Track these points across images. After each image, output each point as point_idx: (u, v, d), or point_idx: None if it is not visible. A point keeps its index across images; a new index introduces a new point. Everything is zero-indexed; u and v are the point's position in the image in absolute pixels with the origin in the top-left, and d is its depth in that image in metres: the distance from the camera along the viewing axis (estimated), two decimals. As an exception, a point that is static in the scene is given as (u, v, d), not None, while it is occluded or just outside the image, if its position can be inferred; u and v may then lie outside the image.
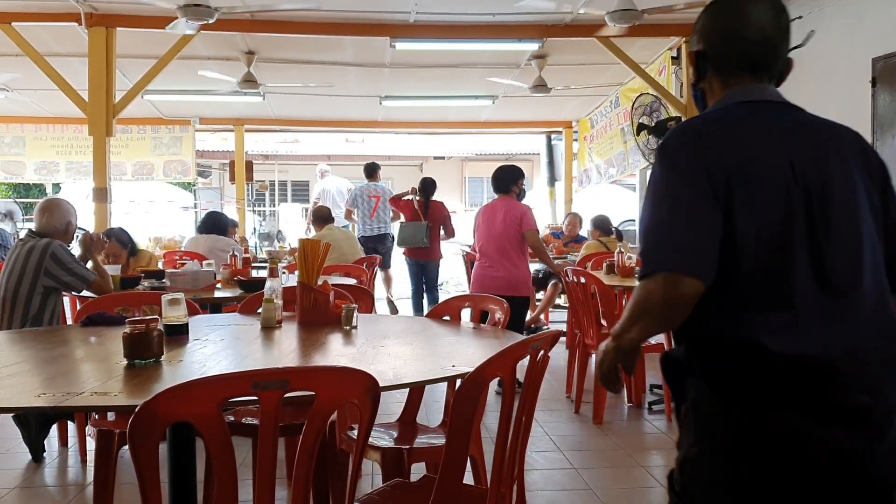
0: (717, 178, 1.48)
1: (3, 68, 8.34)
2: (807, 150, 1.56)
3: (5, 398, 1.73)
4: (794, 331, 1.45)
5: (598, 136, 10.76)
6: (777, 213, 1.49)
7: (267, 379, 1.59)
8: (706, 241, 1.46)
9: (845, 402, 1.44)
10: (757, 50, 1.66)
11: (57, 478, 4.01)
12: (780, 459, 1.45)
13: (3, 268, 4.18)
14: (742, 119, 1.60)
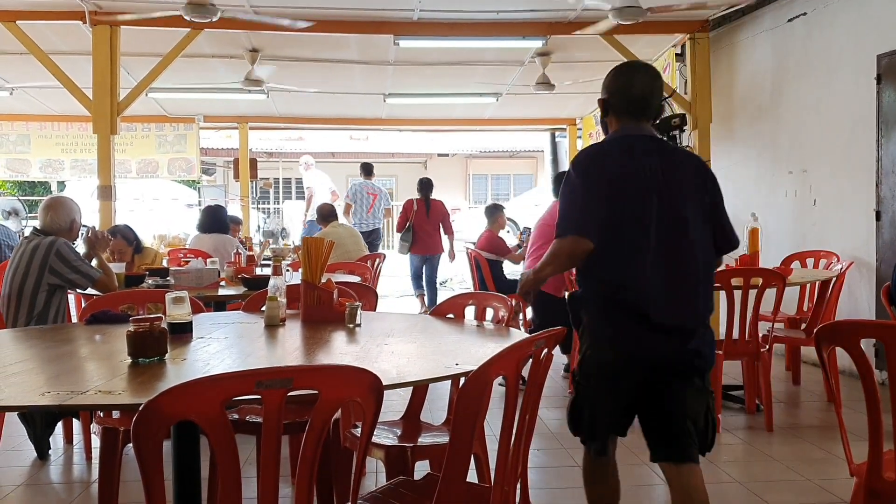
0: (606, 180, 2.44)
1: (8, 66, 8.35)
2: (661, 164, 2.48)
3: (10, 396, 1.73)
4: (641, 280, 2.40)
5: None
6: (638, 201, 2.42)
7: (270, 378, 1.59)
8: (596, 219, 2.40)
9: (666, 323, 2.40)
10: (638, 103, 2.57)
11: (62, 475, 4.03)
12: (632, 352, 2.45)
13: (8, 266, 4.19)
14: (627, 145, 2.53)
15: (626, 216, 2.41)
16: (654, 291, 2.38)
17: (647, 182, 2.42)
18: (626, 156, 2.48)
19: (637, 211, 2.41)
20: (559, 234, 2.44)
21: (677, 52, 7.79)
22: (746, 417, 4.85)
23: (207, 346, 2.40)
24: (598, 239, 2.38)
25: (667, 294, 2.39)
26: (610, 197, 2.41)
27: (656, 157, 2.48)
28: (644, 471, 3.92)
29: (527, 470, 2.26)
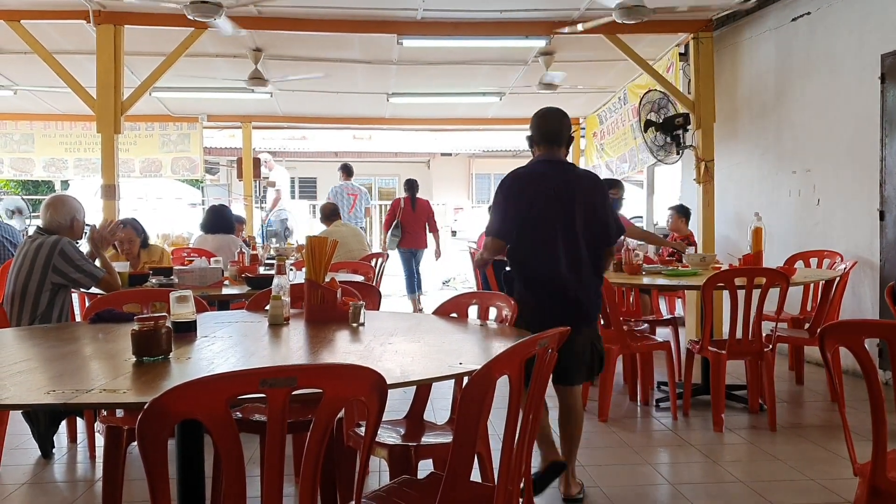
0: (525, 196, 3.38)
1: (13, 66, 8.37)
2: (567, 182, 3.41)
3: (15, 395, 1.74)
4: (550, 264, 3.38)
5: (610, 133, 10.73)
6: (548, 211, 3.36)
7: (274, 376, 1.60)
8: (511, 227, 3.39)
9: (565, 292, 3.39)
10: (552, 136, 3.50)
11: (66, 474, 4.03)
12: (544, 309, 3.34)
13: (12, 265, 4.20)
14: (542, 169, 3.47)
15: (539, 219, 3.38)
16: (558, 270, 3.39)
17: (553, 194, 3.39)
18: (540, 176, 3.44)
19: (546, 215, 3.38)
20: (486, 233, 3.58)
21: (681, 52, 7.78)
22: (750, 417, 4.85)
23: (211, 345, 2.40)
24: (516, 237, 3.42)
25: (565, 272, 3.39)
26: (527, 207, 3.38)
27: (561, 177, 3.44)
28: (647, 470, 3.92)
29: (531, 469, 2.26)
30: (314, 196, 21.35)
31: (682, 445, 4.32)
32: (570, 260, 3.39)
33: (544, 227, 3.37)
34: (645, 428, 4.75)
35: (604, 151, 11.02)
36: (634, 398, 5.27)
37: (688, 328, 7.31)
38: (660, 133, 7.65)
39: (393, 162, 22.32)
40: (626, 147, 10.01)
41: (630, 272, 5.14)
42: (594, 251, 3.46)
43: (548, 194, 3.38)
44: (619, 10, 5.73)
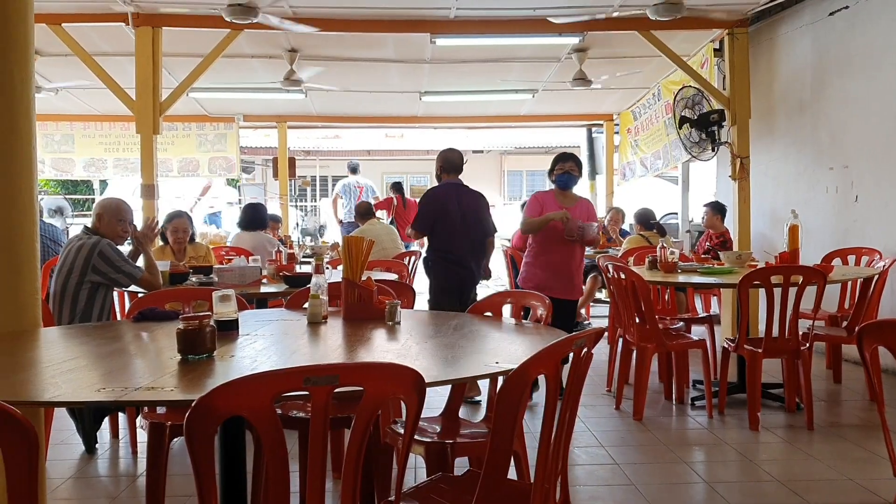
0: (438, 208, 5.40)
1: (54, 68, 8.55)
2: (462, 197, 5.44)
3: (68, 393, 1.80)
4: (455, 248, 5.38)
5: (644, 129, 10.67)
6: (452, 217, 5.36)
7: (317, 374, 1.64)
8: (429, 226, 5.43)
9: (466, 266, 5.40)
10: (455, 167, 5.52)
11: (109, 468, 4.13)
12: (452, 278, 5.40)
13: (56, 264, 4.31)
14: (450, 189, 5.47)
15: (448, 219, 5.36)
16: (461, 252, 5.35)
17: (456, 204, 5.39)
18: (449, 193, 5.44)
19: (453, 216, 5.37)
20: (413, 227, 5.56)
21: (715, 48, 7.72)
22: (786, 416, 4.81)
23: (254, 343, 2.46)
24: (431, 231, 5.43)
25: (465, 253, 5.35)
26: (440, 211, 5.38)
27: (460, 193, 5.46)
28: (682, 469, 3.92)
29: (567, 467, 2.28)
30: (348, 194, 21.45)
31: (717, 444, 4.31)
32: (466, 245, 5.37)
33: (454, 224, 5.36)
34: (680, 426, 4.74)
35: (638, 148, 10.96)
36: (669, 397, 5.26)
37: (723, 326, 7.26)
38: (694, 129, 7.59)
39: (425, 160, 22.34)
40: (659, 143, 9.95)
41: (665, 270, 5.13)
42: (480, 240, 5.49)
43: (452, 206, 5.39)
44: (653, 7, 5.70)
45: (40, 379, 2.05)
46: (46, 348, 2.59)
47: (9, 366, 2.29)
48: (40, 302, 3.25)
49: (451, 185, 5.47)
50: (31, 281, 3.13)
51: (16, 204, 3.10)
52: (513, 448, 2.24)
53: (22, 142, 3.14)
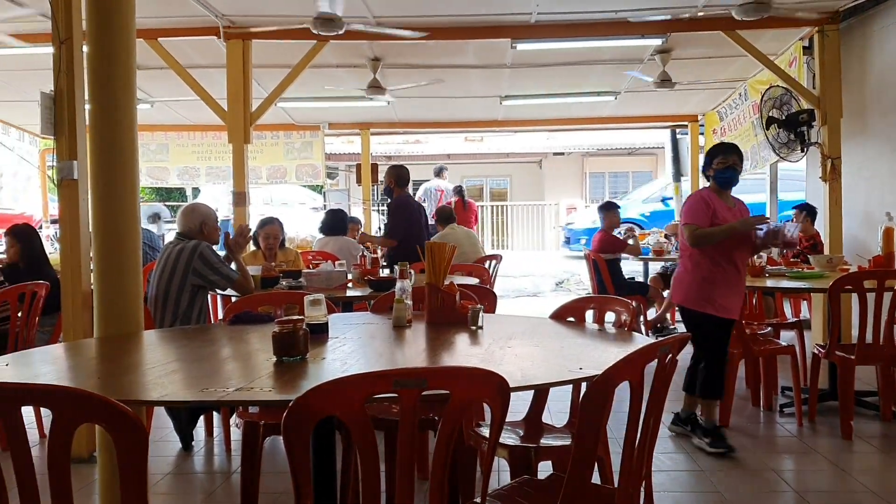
0: (409, 216, 6.95)
1: (150, 81, 8.94)
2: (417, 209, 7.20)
3: (173, 392, 1.91)
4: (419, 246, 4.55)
5: (730, 129, 10.44)
6: (419, 217, 7.09)
7: (407, 378, 1.70)
8: (404, 231, 6.82)
9: None
10: (406, 181, 7.11)
11: (204, 465, 4.31)
12: None
13: (155, 268, 4.53)
14: (411, 199, 7.28)
15: (414, 224, 6.79)
16: None
17: (416, 214, 6.98)
18: (413, 203, 6.99)
19: (418, 221, 6.86)
20: (388, 235, 7.00)
21: (805, 45, 7.50)
22: (882, 425, 4.65)
23: (343, 346, 2.55)
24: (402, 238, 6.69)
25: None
26: (411, 219, 6.82)
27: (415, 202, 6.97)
28: (771, 477, 3.84)
29: (651, 473, 2.29)
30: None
31: (807, 452, 4.20)
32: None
33: (419, 228, 6.84)
34: (768, 433, 4.64)
35: (724, 149, 10.72)
36: (757, 403, 5.15)
37: (814, 332, 7.05)
38: (782, 130, 7.40)
39: (504, 163, 22.40)
40: (746, 144, 9.71)
41: (752, 274, 5.03)
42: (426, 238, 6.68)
43: (416, 215, 6.92)
44: (739, 7, 5.60)
45: (147, 379, 2.18)
46: (149, 350, 2.75)
47: (117, 367, 2.44)
48: (143, 305, 3.44)
49: (410, 196, 6.97)
50: (134, 285, 3.32)
51: (120, 212, 3.29)
52: (597, 453, 2.26)
53: (125, 153, 3.34)
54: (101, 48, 3.31)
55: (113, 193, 3.25)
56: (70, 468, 1.66)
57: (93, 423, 1.64)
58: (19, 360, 2.48)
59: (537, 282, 12.87)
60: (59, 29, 4.09)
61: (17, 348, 4.31)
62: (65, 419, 1.61)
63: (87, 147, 4.07)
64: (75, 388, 1.68)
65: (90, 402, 1.60)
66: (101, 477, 3.42)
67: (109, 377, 2.25)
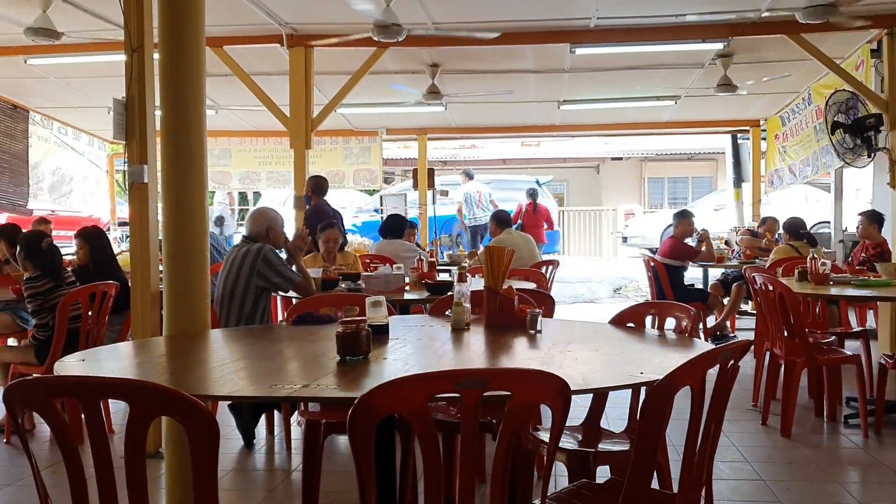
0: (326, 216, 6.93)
1: (215, 88, 9.16)
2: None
3: (244, 388, 1.98)
4: None
5: (792, 135, 10.24)
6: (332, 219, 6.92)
7: (469, 378, 1.74)
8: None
9: None
10: (325, 190, 7.62)
11: (266, 462, 4.40)
12: None
13: (221, 270, 4.65)
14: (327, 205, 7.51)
15: None
16: None
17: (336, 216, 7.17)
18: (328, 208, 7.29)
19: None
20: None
21: (873, 48, 7.31)
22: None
23: (403, 347, 2.59)
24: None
25: None
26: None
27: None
28: (835, 489, 3.77)
29: (711, 480, 2.27)
30: (483, 203, 21.69)
31: (873, 465, 4.10)
32: None
33: None
34: (832, 445, 4.54)
35: (786, 154, 10.52)
36: (820, 414, 5.03)
37: (880, 341, 6.85)
38: (848, 135, 7.23)
39: (561, 167, 22.28)
40: (808, 150, 9.52)
41: (816, 282, 4.93)
42: None
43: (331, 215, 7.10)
44: (804, 11, 5.50)
45: (215, 376, 2.26)
46: (216, 349, 2.84)
47: (186, 364, 2.53)
48: (209, 305, 3.54)
49: (328, 204, 7.46)
50: (201, 286, 3.43)
51: (189, 215, 3.40)
52: (656, 459, 2.26)
53: (195, 158, 3.45)
54: (172, 56, 3.43)
55: (183, 197, 3.36)
56: (145, 460, 1.74)
57: (168, 416, 1.71)
58: (93, 357, 2.59)
59: (594, 288, 12.79)
60: (132, 38, 4.23)
61: (88, 345, 4.47)
62: (142, 412, 1.68)
63: (156, 152, 4.24)
64: (154, 382, 1.76)
65: (167, 397, 1.67)
66: (168, 471, 3.53)
67: (180, 374, 2.33)
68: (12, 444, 4.55)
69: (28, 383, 1.77)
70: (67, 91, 9.46)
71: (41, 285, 4.66)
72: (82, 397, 1.73)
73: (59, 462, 1.80)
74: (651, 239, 15.18)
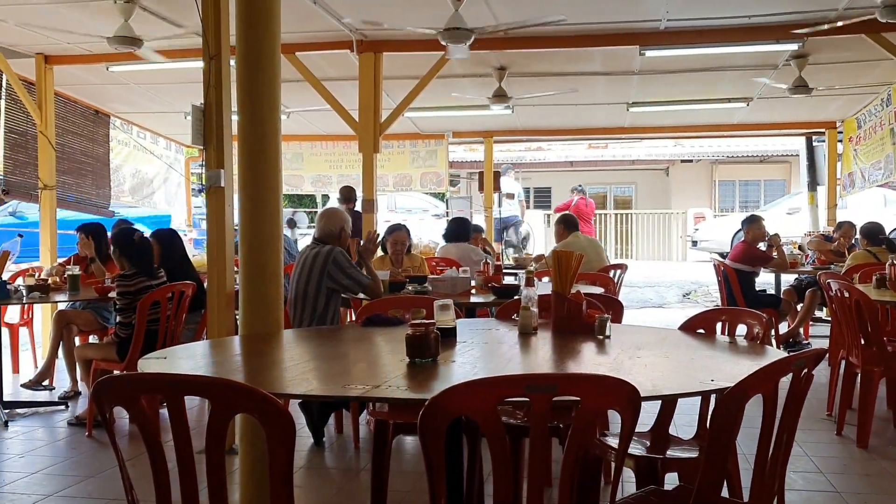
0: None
1: (286, 92, 9.34)
2: None
3: (318, 388, 2.04)
4: None
5: (865, 138, 9.92)
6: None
7: (539, 383, 1.75)
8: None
9: None
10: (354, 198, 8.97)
11: (335, 461, 4.49)
12: None
13: (293, 271, 4.76)
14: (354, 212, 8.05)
15: None
16: None
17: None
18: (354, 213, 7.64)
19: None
20: None
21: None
22: None
23: (471, 350, 2.62)
24: None
25: None
26: None
27: None
28: (914, 504, 3.64)
29: (783, 490, 2.24)
30: (549, 206, 21.61)
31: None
32: None
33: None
34: (912, 458, 4.39)
35: (858, 157, 10.20)
36: (899, 425, 4.88)
37: (965, 352, 6.59)
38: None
39: (629, 170, 22.02)
40: (879, 154, 9.20)
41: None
42: None
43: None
44: (884, 9, 5.34)
45: (290, 375, 2.32)
46: (289, 348, 2.91)
47: (261, 363, 2.61)
48: (283, 306, 3.64)
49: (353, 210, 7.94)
50: (275, 287, 3.52)
51: (265, 218, 3.50)
52: (727, 467, 2.23)
53: (270, 162, 3.55)
54: (249, 63, 3.53)
55: (259, 200, 3.46)
56: (224, 455, 1.81)
57: (247, 413, 1.77)
58: (172, 355, 2.69)
59: (663, 292, 12.61)
60: (210, 45, 4.37)
61: (166, 344, 4.63)
62: (223, 409, 1.75)
63: (233, 156, 4.36)
64: (234, 381, 1.83)
65: (247, 395, 1.74)
66: (242, 467, 3.64)
67: (255, 373, 2.41)
68: (94, 438, 4.75)
69: (116, 380, 1.87)
70: (146, 97, 9.80)
71: (133, 284, 4.81)
72: (167, 394, 1.81)
73: (137, 455, 1.89)
74: (721, 243, 14.90)
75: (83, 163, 10.05)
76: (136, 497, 1.99)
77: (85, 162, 10.10)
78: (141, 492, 2.02)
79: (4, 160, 8.44)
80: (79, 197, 9.97)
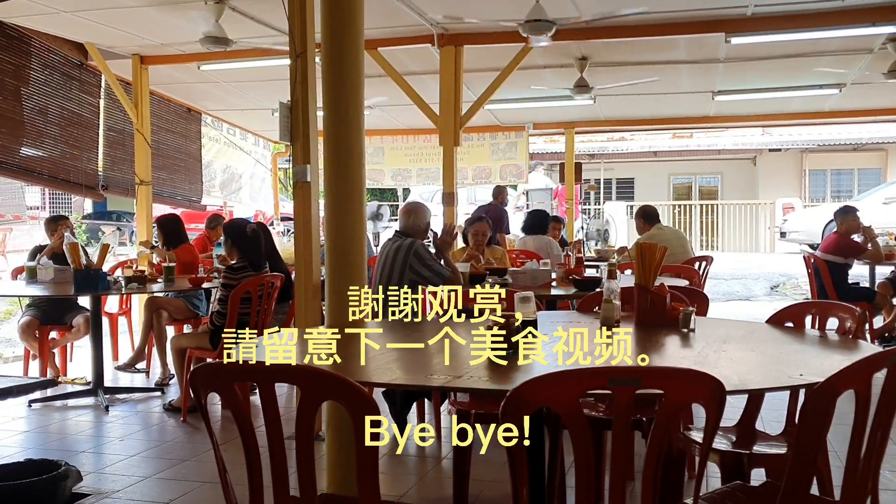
0: None
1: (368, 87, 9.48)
2: None
3: (402, 377, 2.09)
4: None
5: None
6: None
7: (622, 376, 1.76)
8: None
9: None
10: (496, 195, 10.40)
11: (417, 449, 4.56)
12: None
13: (377, 263, 4.86)
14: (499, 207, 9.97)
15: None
16: None
17: None
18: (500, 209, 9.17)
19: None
20: None
21: None
22: None
23: (552, 343, 2.63)
24: None
25: None
26: None
27: None
28: None
29: (878, 490, 2.18)
30: (632, 197, 21.29)
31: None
32: None
33: None
34: None
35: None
36: None
37: None
38: None
39: (715, 160, 21.48)
40: None
41: None
42: None
43: None
44: None
45: (375, 364, 2.38)
46: (374, 338, 2.97)
47: (347, 353, 2.67)
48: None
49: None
50: (360, 279, 3.60)
51: (350, 212, 3.59)
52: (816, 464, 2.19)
53: (354, 158, 3.63)
54: (334, 60, 3.61)
55: (344, 194, 3.55)
56: (313, 441, 1.88)
57: (335, 401, 1.84)
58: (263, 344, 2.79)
59: (749, 285, 12.29)
60: (296, 43, 4.48)
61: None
62: (313, 396, 1.82)
63: (318, 152, 4.47)
64: (324, 369, 1.90)
65: (335, 383, 1.80)
66: (329, 453, 3.74)
67: (343, 362, 2.47)
68: (189, 423, 4.96)
69: (212, 367, 1.96)
70: (235, 94, 10.10)
71: (238, 279, 4.98)
72: (260, 381, 1.89)
73: (230, 440, 1.97)
74: (812, 234, 14.41)
75: (177, 159, 10.45)
76: (230, 480, 2.08)
77: (178, 158, 10.49)
78: (233, 474, 2.12)
79: (104, 157, 8.85)
80: (172, 192, 10.37)
